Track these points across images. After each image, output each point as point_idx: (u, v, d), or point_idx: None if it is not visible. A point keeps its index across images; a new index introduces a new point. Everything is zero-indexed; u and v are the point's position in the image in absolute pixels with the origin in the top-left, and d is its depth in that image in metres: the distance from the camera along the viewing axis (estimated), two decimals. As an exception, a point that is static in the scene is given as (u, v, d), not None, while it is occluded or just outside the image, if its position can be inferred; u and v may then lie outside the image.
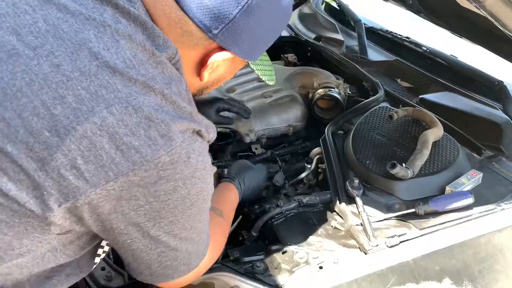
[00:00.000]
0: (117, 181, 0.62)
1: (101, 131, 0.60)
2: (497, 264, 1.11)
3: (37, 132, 0.60)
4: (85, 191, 0.61)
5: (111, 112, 0.61)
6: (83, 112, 0.60)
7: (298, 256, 1.00)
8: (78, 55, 0.62)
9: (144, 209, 0.66)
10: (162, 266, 0.74)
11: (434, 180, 1.22)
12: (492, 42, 1.57)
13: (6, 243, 0.64)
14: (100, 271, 1.01)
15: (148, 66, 0.66)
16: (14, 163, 0.60)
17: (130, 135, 0.61)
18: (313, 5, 2.57)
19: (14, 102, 0.60)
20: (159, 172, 0.63)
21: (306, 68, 1.86)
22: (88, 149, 0.60)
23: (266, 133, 1.54)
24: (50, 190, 0.61)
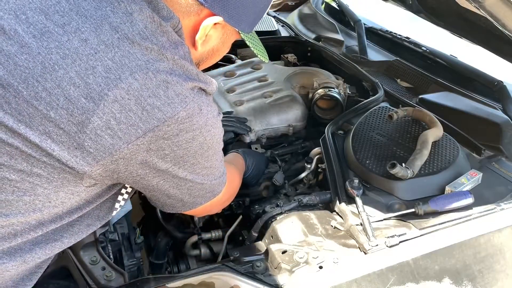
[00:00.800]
0: (145, 137, 0.72)
1: (129, 95, 0.70)
2: (496, 264, 1.11)
3: (75, 99, 0.69)
4: (119, 147, 0.72)
5: (135, 78, 0.70)
6: (111, 79, 0.69)
7: (298, 256, 1.00)
8: (101, 30, 0.71)
9: (170, 157, 0.78)
10: (193, 196, 0.90)
11: (433, 180, 1.22)
12: (492, 42, 1.57)
13: (46, 196, 0.74)
14: (100, 271, 1.01)
15: (158, 35, 0.74)
16: (57, 127, 0.69)
17: (153, 97, 0.71)
18: (313, 5, 2.57)
19: (53, 74, 0.69)
20: (179, 125, 0.75)
21: (306, 68, 1.86)
22: (119, 111, 0.70)
23: (266, 133, 1.54)
24: (89, 149, 0.71)
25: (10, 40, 0.69)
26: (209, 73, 1.83)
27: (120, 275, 1.00)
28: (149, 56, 0.72)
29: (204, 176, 0.88)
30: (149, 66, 0.72)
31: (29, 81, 0.68)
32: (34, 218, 0.76)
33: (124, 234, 1.24)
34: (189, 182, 0.85)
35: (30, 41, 0.69)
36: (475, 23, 1.55)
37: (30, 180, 0.72)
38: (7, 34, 0.70)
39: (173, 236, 1.36)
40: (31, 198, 0.74)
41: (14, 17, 0.70)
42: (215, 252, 1.28)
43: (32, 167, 0.72)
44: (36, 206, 0.75)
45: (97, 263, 1.03)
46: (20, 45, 0.69)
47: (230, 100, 1.64)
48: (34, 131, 0.69)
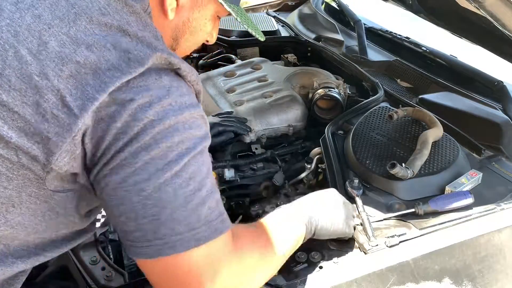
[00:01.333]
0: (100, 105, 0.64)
1: (85, 69, 0.64)
2: (497, 263, 1.11)
3: (27, 78, 0.64)
4: (76, 125, 0.64)
5: (92, 51, 0.65)
6: (66, 54, 0.64)
7: (298, 256, 1.00)
8: (57, 5, 0.68)
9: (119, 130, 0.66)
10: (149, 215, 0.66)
11: (433, 180, 1.22)
12: (492, 42, 1.57)
13: (7, 197, 0.67)
14: (100, 271, 1.01)
15: (122, 14, 0.70)
16: (11, 111, 0.64)
17: (112, 69, 0.65)
18: (313, 5, 2.57)
19: (3, 54, 0.64)
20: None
21: (306, 68, 1.86)
22: (75, 87, 0.64)
23: (266, 133, 1.54)
24: (47, 134, 0.64)
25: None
26: (209, 73, 1.83)
27: (120, 275, 1.00)
28: (108, 32, 0.67)
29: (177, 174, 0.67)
30: (107, 39, 0.66)
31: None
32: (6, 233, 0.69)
33: (124, 234, 1.23)
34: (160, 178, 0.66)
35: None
36: (475, 23, 1.55)
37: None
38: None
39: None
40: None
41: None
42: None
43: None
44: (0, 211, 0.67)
45: (97, 263, 1.02)
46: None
47: (230, 100, 1.64)
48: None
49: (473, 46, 1.73)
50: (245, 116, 1.54)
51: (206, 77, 1.80)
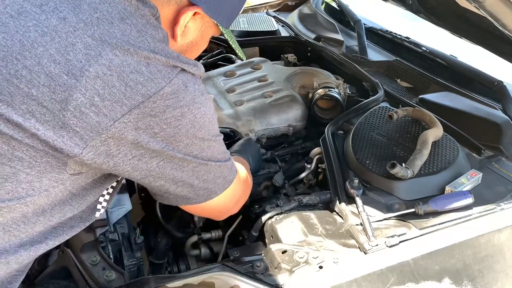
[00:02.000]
0: (131, 114, 0.71)
1: (110, 71, 0.69)
2: (496, 263, 1.11)
3: (56, 76, 0.68)
4: (106, 125, 0.70)
5: (116, 54, 0.70)
6: (92, 56, 0.69)
7: (298, 256, 1.00)
8: (80, 9, 0.72)
9: (161, 136, 0.75)
10: (202, 180, 0.86)
11: (433, 180, 1.22)
12: (492, 42, 1.57)
13: (29, 182, 0.72)
14: (100, 271, 1.01)
15: (137, 17, 0.75)
16: (40, 105, 0.68)
17: (135, 73, 0.71)
18: (313, 5, 2.57)
19: (32, 51, 0.68)
20: (165, 102, 0.73)
21: (306, 68, 1.86)
22: (102, 87, 0.69)
23: (266, 133, 1.54)
24: (75, 128, 0.69)
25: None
26: (209, 73, 1.83)
27: (120, 275, 1.00)
28: (129, 36, 0.72)
29: (205, 157, 0.85)
30: (130, 44, 0.71)
31: (8, 59, 0.68)
32: (19, 210, 0.74)
33: (124, 234, 1.24)
34: (191, 163, 0.82)
35: (7, 20, 0.69)
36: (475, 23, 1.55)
37: (11, 165, 0.70)
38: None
39: (173, 236, 1.36)
40: (13, 185, 0.71)
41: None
42: (215, 252, 1.29)
43: (14, 150, 0.70)
44: (20, 194, 0.73)
45: (97, 263, 1.02)
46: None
47: (230, 100, 1.64)
48: (16, 110, 0.68)
49: (473, 46, 1.73)
50: (245, 116, 1.54)
51: (206, 77, 1.80)
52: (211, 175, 0.88)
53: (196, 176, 0.85)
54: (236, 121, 1.53)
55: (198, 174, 0.85)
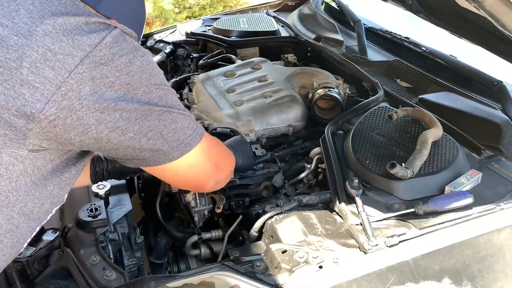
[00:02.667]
0: (83, 64, 0.74)
1: (55, 29, 0.74)
2: (496, 263, 1.11)
3: (6, 37, 0.72)
4: (62, 77, 0.72)
5: (57, 16, 0.75)
6: (36, 18, 0.74)
7: (298, 256, 1.00)
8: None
9: (117, 84, 0.78)
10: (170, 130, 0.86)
11: (433, 180, 1.22)
12: (491, 42, 1.57)
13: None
14: (100, 271, 1.01)
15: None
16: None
17: (77, 29, 0.75)
18: (313, 6, 2.57)
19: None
20: (110, 50, 0.77)
21: (306, 68, 1.86)
22: (52, 43, 0.73)
23: (266, 133, 1.54)
24: (34, 84, 0.72)
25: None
26: (209, 73, 1.83)
27: (120, 275, 1.00)
28: (65, 5, 0.78)
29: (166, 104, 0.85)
30: (67, 10, 0.77)
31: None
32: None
33: (124, 234, 1.24)
34: (154, 111, 0.83)
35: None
36: (475, 23, 1.55)
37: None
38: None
39: (173, 236, 1.36)
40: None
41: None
42: (215, 252, 1.29)
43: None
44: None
45: (97, 263, 1.02)
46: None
47: (230, 100, 1.64)
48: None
49: (473, 46, 1.73)
50: (245, 116, 1.54)
51: (206, 77, 1.80)
52: (179, 124, 0.87)
53: (164, 124, 0.85)
54: (236, 121, 1.53)
55: (165, 122, 0.85)
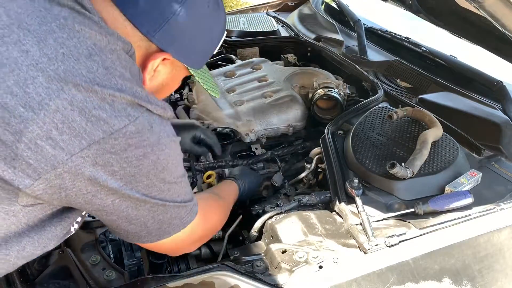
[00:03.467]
0: (90, 149, 0.68)
1: (72, 106, 0.67)
2: (496, 263, 1.11)
3: (12, 108, 0.65)
4: (62, 159, 0.67)
5: (79, 90, 0.68)
6: (53, 90, 0.67)
7: (298, 256, 1.00)
8: (45, 43, 0.69)
9: (120, 174, 0.73)
10: (157, 221, 0.82)
11: (433, 180, 1.22)
12: (492, 42, 1.57)
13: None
14: (101, 271, 1.01)
15: (106, 53, 0.73)
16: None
17: (98, 109, 0.69)
18: (313, 6, 2.58)
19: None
20: (128, 140, 0.71)
21: (306, 68, 1.86)
22: (61, 121, 0.67)
23: (266, 133, 1.54)
24: (28, 160, 0.67)
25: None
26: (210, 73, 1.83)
27: (120, 275, 1.00)
28: (95, 73, 0.70)
29: (164, 198, 0.81)
30: (94, 82, 0.69)
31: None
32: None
33: (124, 234, 1.24)
34: (148, 203, 0.79)
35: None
36: (475, 23, 1.55)
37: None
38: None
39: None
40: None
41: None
42: (215, 252, 1.28)
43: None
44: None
45: (97, 263, 1.03)
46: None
47: (230, 100, 1.64)
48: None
49: (473, 46, 1.72)
50: (245, 116, 1.54)
51: (206, 77, 1.80)
52: (167, 215, 0.83)
53: (152, 216, 0.81)
54: (236, 121, 1.53)
55: (153, 214, 0.81)
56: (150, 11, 0.79)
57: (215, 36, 0.92)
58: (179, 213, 0.85)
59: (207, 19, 0.87)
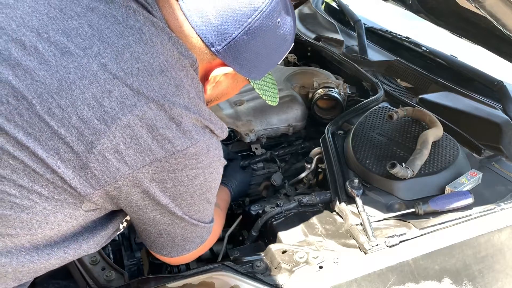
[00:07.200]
0: (151, 166, 0.73)
1: (142, 123, 0.71)
2: (496, 263, 1.11)
3: (87, 119, 0.69)
4: (124, 173, 0.72)
5: (150, 108, 0.71)
6: (127, 105, 0.70)
7: (298, 256, 1.00)
8: (122, 57, 0.72)
9: (170, 192, 0.77)
10: (184, 238, 0.87)
11: (433, 180, 1.22)
12: (492, 42, 1.57)
13: (44, 216, 0.73)
14: (100, 271, 1.01)
15: (176, 69, 0.76)
16: (65, 145, 0.70)
17: (165, 128, 0.72)
18: (313, 5, 2.57)
19: (69, 92, 0.69)
20: (186, 161, 0.75)
21: (306, 68, 1.86)
22: (130, 136, 0.71)
23: (266, 133, 1.54)
24: (94, 171, 0.71)
25: (29, 56, 0.70)
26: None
27: (120, 275, 1.00)
28: (167, 90, 0.74)
29: (198, 218, 0.87)
30: (166, 99, 0.73)
31: (43, 96, 0.69)
32: (27, 240, 0.74)
33: (124, 234, 1.24)
34: (183, 222, 0.84)
35: (49, 58, 0.70)
36: (475, 23, 1.55)
37: (30, 197, 0.71)
38: (27, 50, 0.70)
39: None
40: (29, 216, 0.72)
41: (36, 35, 0.71)
42: (215, 252, 1.28)
43: (34, 184, 0.70)
44: (33, 226, 0.73)
45: (97, 263, 1.02)
46: (39, 62, 0.70)
47: (230, 100, 1.64)
48: (42, 145, 0.69)
49: (473, 46, 1.72)
50: (245, 116, 1.54)
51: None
52: (194, 234, 0.89)
53: (182, 233, 0.86)
54: (236, 121, 1.53)
55: (184, 232, 0.86)
56: (218, 26, 0.79)
57: (281, 51, 0.91)
58: (202, 233, 0.90)
59: (275, 35, 0.86)
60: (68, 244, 0.78)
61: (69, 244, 0.78)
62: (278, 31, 0.85)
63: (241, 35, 0.80)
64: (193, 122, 0.76)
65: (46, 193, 0.71)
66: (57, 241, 0.77)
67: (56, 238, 0.77)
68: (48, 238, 0.76)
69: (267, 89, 0.98)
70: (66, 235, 0.78)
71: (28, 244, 0.74)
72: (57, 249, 0.77)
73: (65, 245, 0.78)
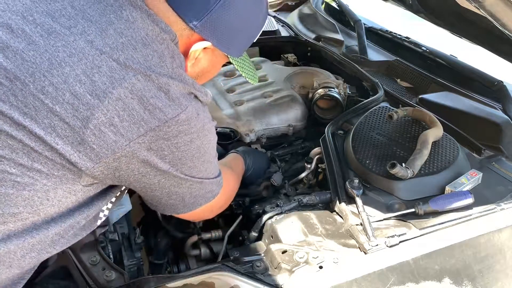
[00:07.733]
0: (146, 135, 0.75)
1: (132, 95, 0.73)
2: (497, 263, 1.11)
3: (80, 95, 0.71)
4: (121, 144, 0.74)
5: (138, 79, 0.74)
6: (116, 79, 0.73)
7: (298, 256, 1.00)
8: (106, 33, 0.75)
9: (169, 158, 0.80)
10: (193, 195, 0.91)
11: (434, 180, 1.22)
12: (492, 42, 1.57)
13: (44, 192, 0.75)
14: (100, 271, 1.01)
15: (157, 43, 0.79)
16: (62, 121, 0.71)
17: (155, 98, 0.75)
18: (313, 5, 2.57)
19: (60, 70, 0.72)
20: (179, 127, 0.78)
21: (306, 68, 1.86)
22: (122, 109, 0.73)
23: (266, 133, 1.54)
24: (92, 145, 0.73)
25: (17, 38, 0.73)
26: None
27: (120, 275, 1.00)
28: (151, 61, 0.76)
29: (202, 176, 0.90)
30: (151, 70, 0.75)
31: (36, 75, 0.71)
32: (30, 219, 0.76)
33: (124, 234, 1.24)
34: (188, 181, 0.88)
35: (37, 39, 0.73)
36: (475, 23, 1.55)
37: (30, 175, 0.73)
38: (15, 33, 0.73)
39: (173, 236, 1.36)
40: (30, 193, 0.74)
41: (21, 18, 0.74)
42: (215, 252, 1.28)
43: (33, 162, 0.73)
44: (34, 203, 0.75)
45: (97, 263, 1.02)
46: (27, 43, 0.72)
47: (230, 100, 1.64)
48: (39, 124, 0.71)
49: (473, 46, 1.72)
50: (245, 116, 1.54)
51: (206, 77, 1.80)
52: (203, 190, 0.93)
53: (190, 191, 0.90)
54: (236, 121, 1.53)
55: (191, 190, 0.90)
56: (193, 1, 0.83)
57: (256, 25, 0.95)
58: (211, 187, 0.95)
59: (249, 8, 0.90)
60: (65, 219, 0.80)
61: (66, 219, 0.80)
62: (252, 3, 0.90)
63: (216, 8, 0.84)
64: (179, 89, 0.78)
65: (45, 170, 0.74)
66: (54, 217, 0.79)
67: (55, 215, 0.79)
68: (49, 217, 0.78)
69: (246, 68, 1.01)
70: (64, 210, 0.80)
71: (29, 223, 0.76)
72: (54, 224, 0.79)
73: (62, 220, 0.80)
